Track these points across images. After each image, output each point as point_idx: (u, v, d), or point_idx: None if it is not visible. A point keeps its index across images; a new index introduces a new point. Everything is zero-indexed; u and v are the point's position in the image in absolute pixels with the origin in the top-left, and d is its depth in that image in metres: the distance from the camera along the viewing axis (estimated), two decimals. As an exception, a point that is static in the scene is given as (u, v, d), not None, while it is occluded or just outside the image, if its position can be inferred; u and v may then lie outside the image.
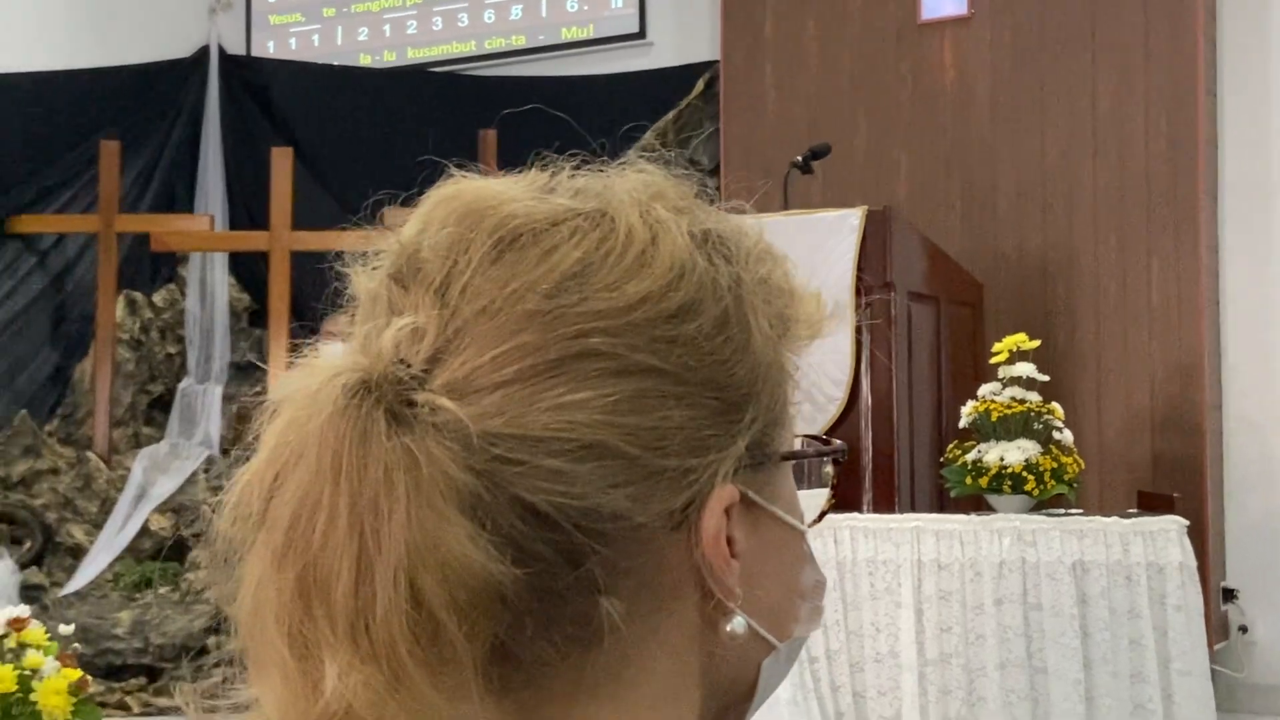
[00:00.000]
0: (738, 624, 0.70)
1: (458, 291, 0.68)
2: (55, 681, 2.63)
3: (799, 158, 5.67)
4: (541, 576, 0.64)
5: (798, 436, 0.77)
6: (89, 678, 2.94)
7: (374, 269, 0.73)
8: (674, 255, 0.70)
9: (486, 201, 0.71)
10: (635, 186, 0.74)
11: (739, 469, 0.70)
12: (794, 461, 0.76)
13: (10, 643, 2.71)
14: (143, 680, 6.79)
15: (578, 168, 0.77)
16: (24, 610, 2.84)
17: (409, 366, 0.66)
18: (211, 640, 7.01)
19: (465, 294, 0.68)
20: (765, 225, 0.80)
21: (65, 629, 3.11)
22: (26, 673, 2.63)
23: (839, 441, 0.82)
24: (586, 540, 0.65)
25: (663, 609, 0.69)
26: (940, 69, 7.03)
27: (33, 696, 2.59)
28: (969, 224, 6.87)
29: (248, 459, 0.68)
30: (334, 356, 0.69)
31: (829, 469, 0.80)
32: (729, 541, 0.69)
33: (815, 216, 5.37)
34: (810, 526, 0.77)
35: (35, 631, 2.77)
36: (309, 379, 0.67)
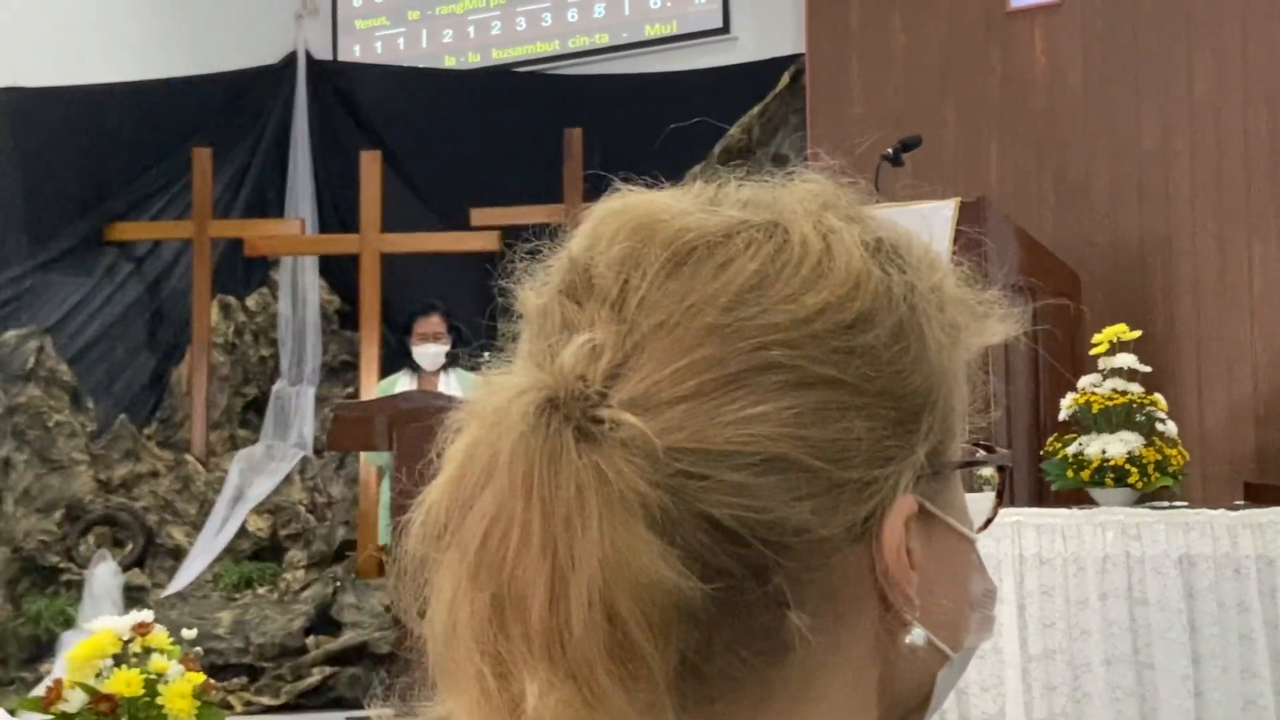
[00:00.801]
0: (917, 635, 0.70)
1: (634, 306, 0.68)
2: (180, 685, 2.67)
3: (890, 150, 5.61)
4: (729, 591, 0.64)
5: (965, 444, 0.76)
6: (212, 681, 2.99)
7: (542, 285, 0.73)
8: (849, 265, 0.69)
9: (657, 215, 0.71)
10: (804, 196, 0.74)
11: (918, 479, 0.69)
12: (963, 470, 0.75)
13: (135, 647, 2.76)
14: (244, 679, 6.89)
15: (741, 180, 0.77)
16: (147, 615, 2.89)
17: (590, 383, 0.66)
18: (310, 640, 7.10)
19: (642, 308, 0.67)
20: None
21: (188, 633, 3.17)
22: (152, 676, 2.68)
23: (1004, 449, 0.81)
24: (772, 554, 0.65)
25: (845, 622, 0.69)
26: (1030, 56, 6.94)
27: (159, 700, 2.64)
28: (1063, 213, 6.78)
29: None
30: (512, 374, 0.69)
31: (990, 473, 0.79)
32: (908, 553, 0.69)
33: (909, 209, 5.31)
34: (978, 534, 0.76)
35: (159, 636, 2.82)
36: (492, 397, 0.67)
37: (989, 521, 0.78)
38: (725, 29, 8.44)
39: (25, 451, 7.72)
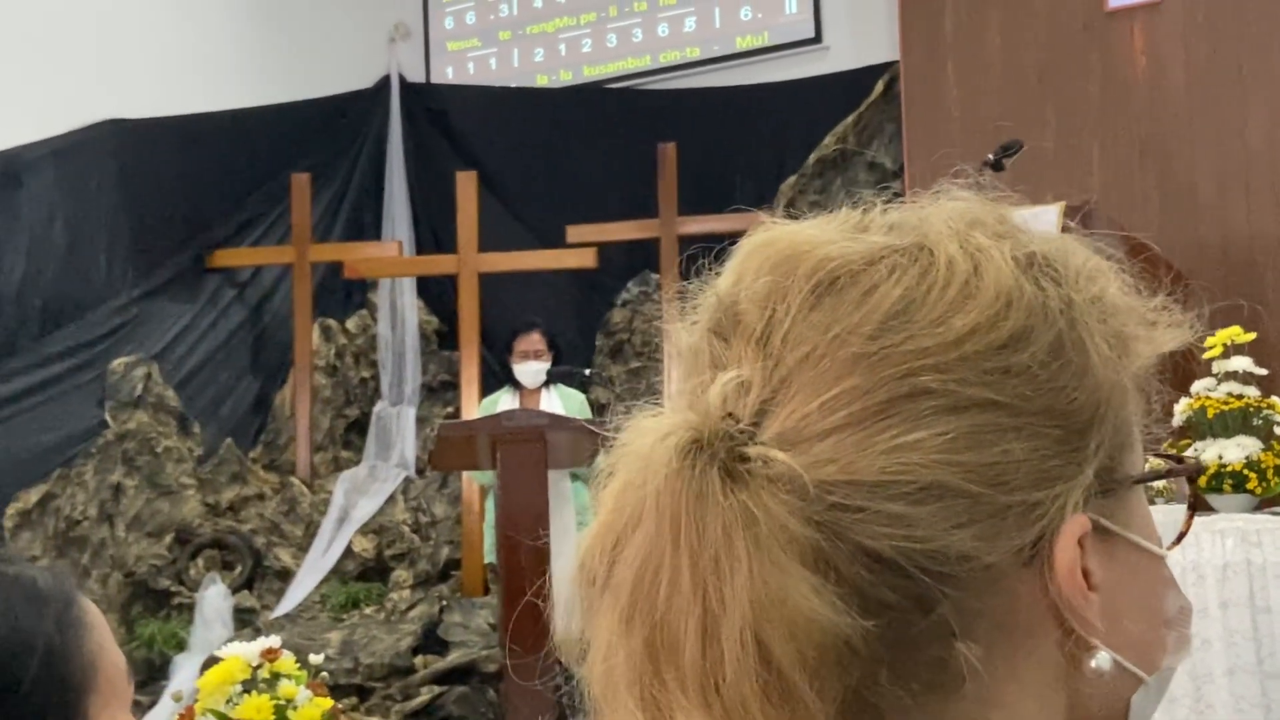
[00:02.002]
0: (1102, 659, 0.68)
1: (779, 340, 0.67)
2: (309, 710, 2.70)
3: (991, 156, 5.54)
4: (892, 625, 0.63)
5: (1149, 456, 0.74)
6: (339, 706, 3.01)
7: (693, 324, 0.73)
8: (999, 283, 0.68)
9: (800, 246, 0.70)
10: (951, 215, 0.72)
11: (1089, 497, 0.67)
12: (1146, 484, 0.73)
13: (264, 673, 2.79)
14: (354, 700, 6.94)
15: (889, 202, 0.74)
16: (275, 641, 2.92)
17: (738, 421, 0.66)
18: (418, 659, 7.15)
19: (787, 342, 0.67)
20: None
21: (315, 658, 3.19)
22: (281, 702, 2.71)
23: (1192, 459, 0.78)
24: (935, 584, 0.63)
25: (1021, 649, 0.67)
26: (1131, 57, 6.83)
27: (288, 726, 2.68)
28: (1168, 215, 6.66)
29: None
30: (662, 415, 0.68)
31: (1165, 485, 0.77)
32: (1085, 574, 0.67)
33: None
34: (1170, 549, 0.73)
35: (287, 661, 2.85)
36: (640, 440, 0.67)
37: (1181, 535, 0.76)
38: (817, 39, 8.40)
39: (135, 477, 7.86)
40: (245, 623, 7.56)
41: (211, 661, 6.64)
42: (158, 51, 8.34)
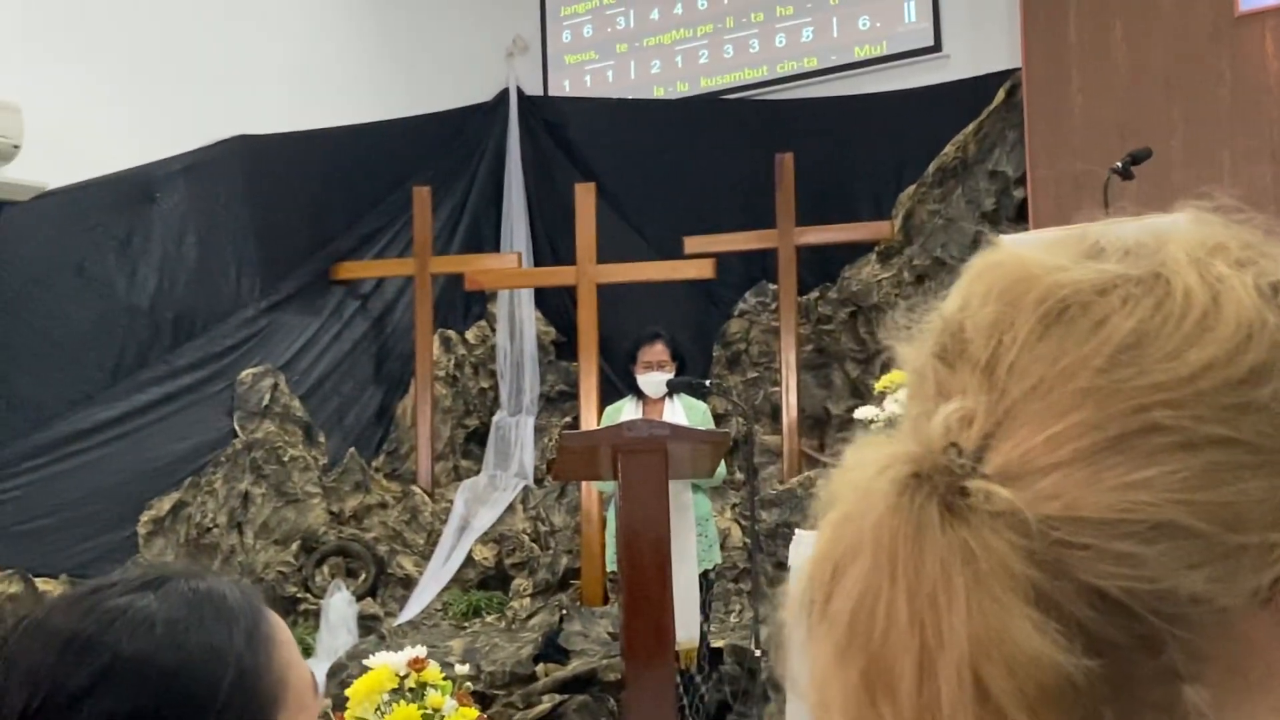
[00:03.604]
0: None
1: (1005, 371, 0.65)
2: (455, 719, 2.74)
3: (1118, 163, 5.47)
4: (1116, 665, 0.61)
5: None
6: (485, 716, 3.05)
7: (918, 345, 0.71)
8: (1240, 315, 0.64)
9: (1030, 271, 0.67)
10: (1192, 242, 0.68)
11: None
12: None
13: (410, 682, 2.84)
14: (477, 708, 7.00)
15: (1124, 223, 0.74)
16: (421, 650, 2.96)
17: (960, 453, 0.64)
18: (539, 668, 7.19)
19: (1013, 373, 0.65)
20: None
21: (461, 668, 3.23)
22: (429, 711, 2.76)
23: None
24: (1164, 625, 0.61)
25: (1255, 694, 0.64)
26: (1262, 61, 6.69)
27: (436, 735, 2.72)
28: (1303, 222, 6.50)
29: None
30: (886, 443, 0.67)
31: None
32: None
33: (1142, 223, 5.16)
34: None
35: (433, 671, 2.90)
36: (860, 470, 0.66)
37: None
38: (937, 47, 8.34)
39: (263, 485, 8.01)
40: (369, 629, 7.66)
41: (338, 668, 6.74)
42: (285, 68, 8.51)
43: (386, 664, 2.91)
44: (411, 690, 2.87)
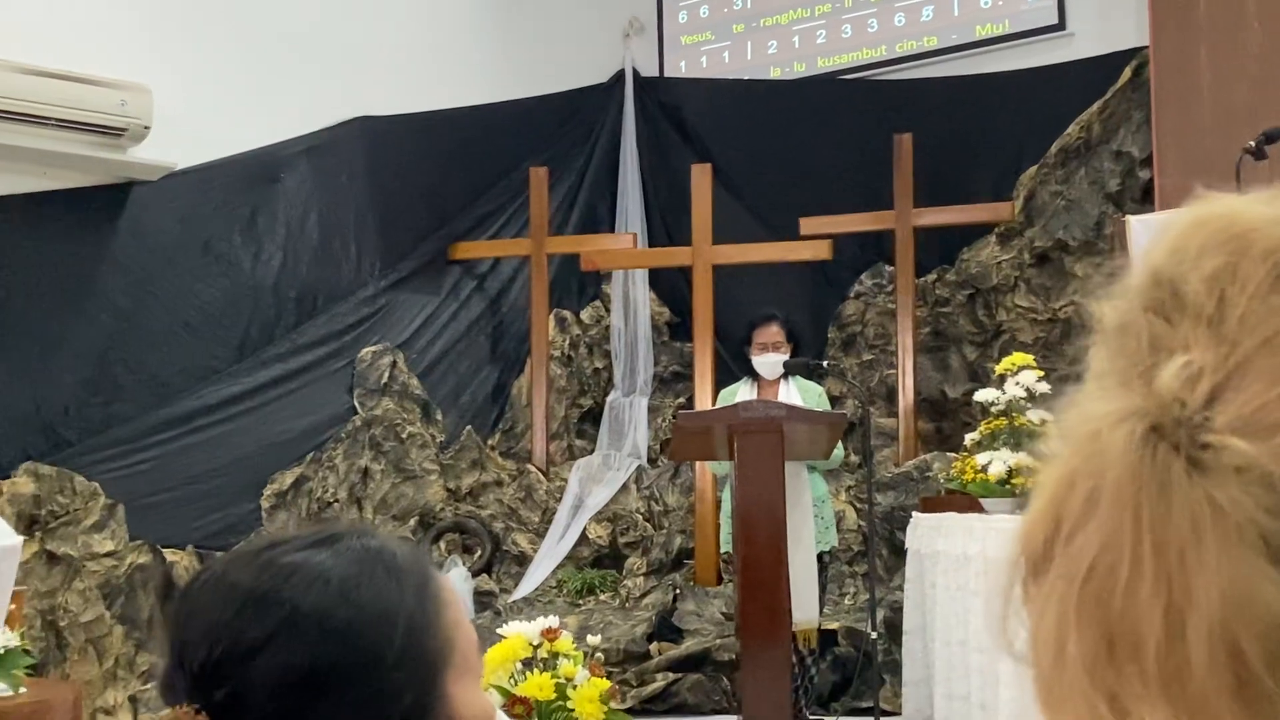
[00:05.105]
0: None
1: (1234, 324, 0.63)
2: (588, 689, 2.76)
3: (1251, 143, 5.33)
4: None
5: None
6: (617, 687, 3.07)
7: (1120, 300, 0.69)
8: None
9: (1249, 224, 0.66)
10: None
11: None
12: None
13: (543, 651, 2.87)
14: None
15: None
16: (554, 620, 2.99)
17: (1188, 407, 0.62)
18: (653, 646, 7.23)
19: (1244, 326, 0.63)
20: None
21: (593, 639, 3.26)
22: (562, 681, 2.78)
23: None
24: None
25: None
26: (1402, 38, 6.49)
27: (568, 704, 2.74)
28: None
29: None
30: (1099, 399, 0.66)
31: None
32: None
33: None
34: None
35: (565, 641, 2.92)
36: (1085, 425, 0.64)
37: None
38: (1061, 25, 8.20)
39: (382, 461, 8.13)
40: (485, 605, 7.75)
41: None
42: (404, 51, 8.61)
43: (520, 633, 2.94)
44: (543, 660, 2.90)
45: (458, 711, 1.15)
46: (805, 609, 6.04)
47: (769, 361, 6.54)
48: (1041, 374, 5.99)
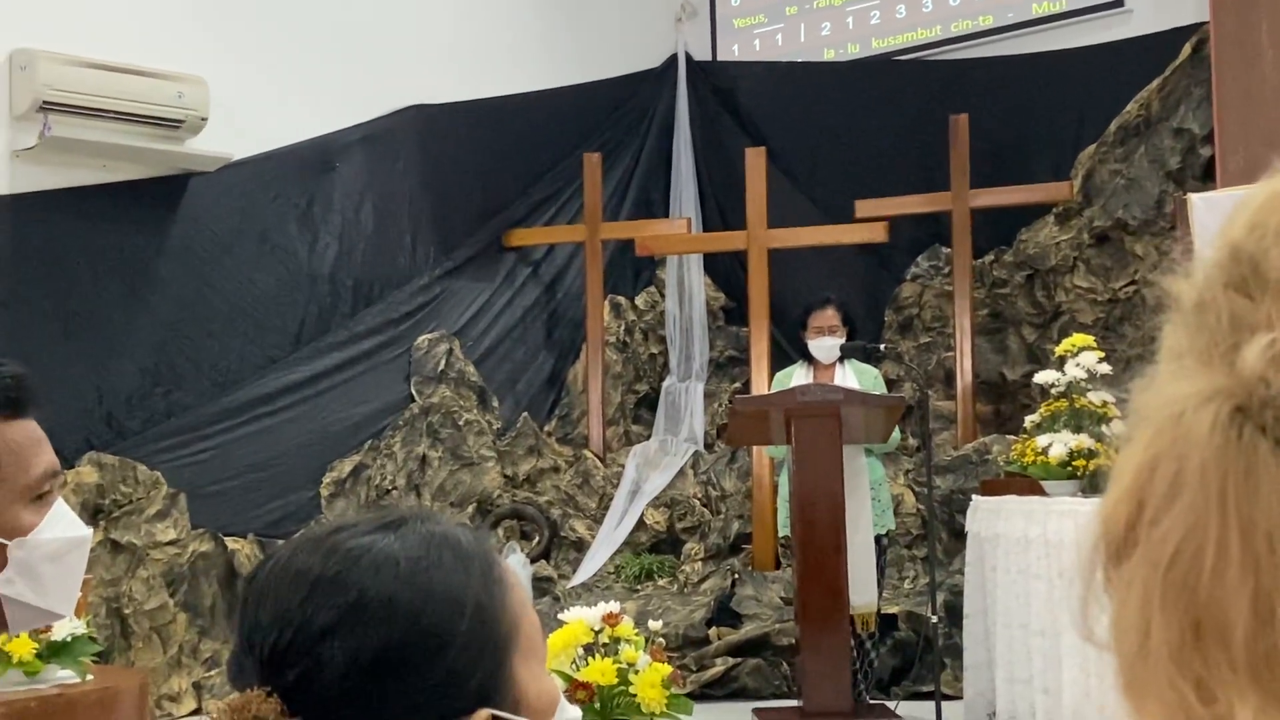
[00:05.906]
0: None
1: None
2: (650, 674, 2.76)
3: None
4: None
5: None
6: (680, 672, 3.07)
7: (1195, 276, 0.67)
8: None
9: None
10: None
11: None
12: None
13: (604, 637, 2.87)
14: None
15: None
16: (615, 606, 2.99)
17: (1271, 386, 0.60)
18: (712, 631, 7.23)
19: None
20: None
21: (654, 624, 3.26)
22: (624, 666, 2.78)
23: None
24: None
25: None
26: None
27: (630, 690, 2.74)
28: None
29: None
30: (1178, 378, 0.64)
31: None
32: None
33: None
34: None
35: (626, 626, 2.92)
36: (1166, 406, 0.63)
37: None
38: (1119, 2, 8.10)
39: (439, 449, 8.17)
40: (543, 591, 7.77)
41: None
42: (458, 38, 8.63)
43: (582, 618, 2.94)
44: (604, 645, 2.90)
45: (524, 693, 1.15)
46: (864, 592, 6.02)
47: (825, 345, 6.52)
48: (1102, 355, 5.93)
